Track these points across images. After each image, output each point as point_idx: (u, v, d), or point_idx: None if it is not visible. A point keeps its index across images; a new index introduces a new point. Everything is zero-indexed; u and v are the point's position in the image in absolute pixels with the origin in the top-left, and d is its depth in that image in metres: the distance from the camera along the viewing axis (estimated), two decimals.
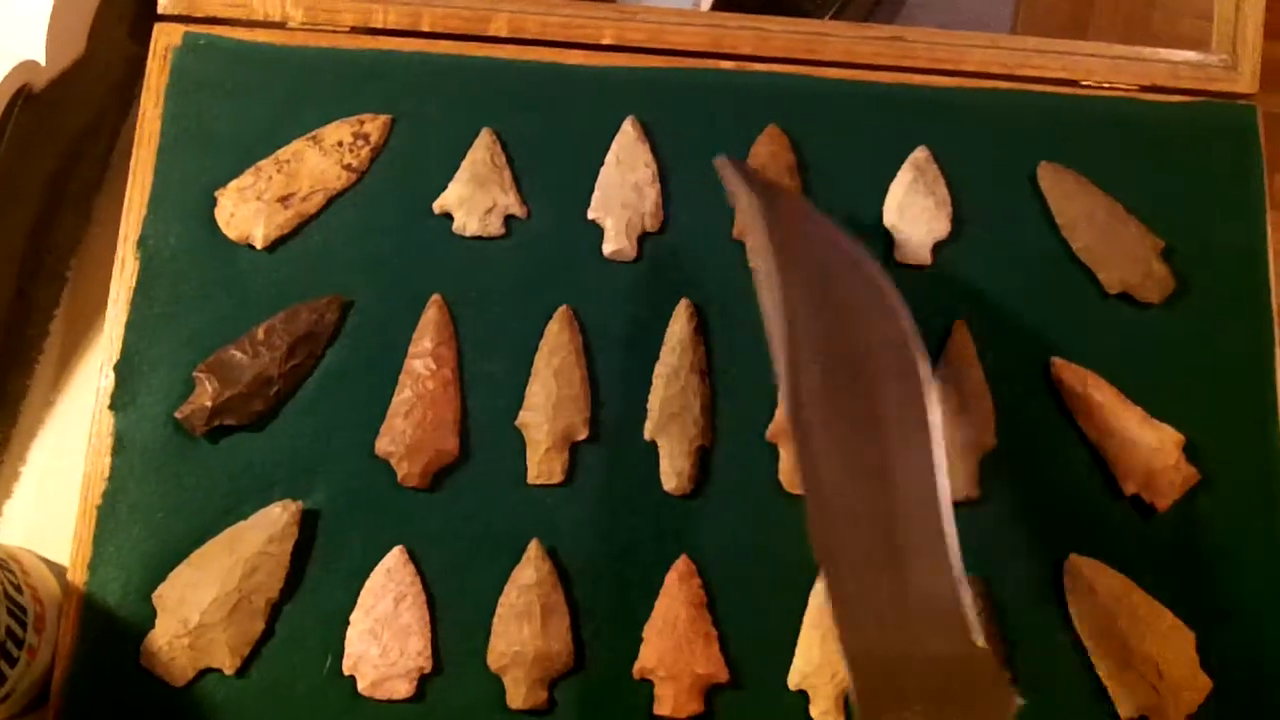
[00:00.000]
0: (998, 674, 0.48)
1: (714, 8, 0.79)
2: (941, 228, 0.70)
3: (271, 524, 0.64)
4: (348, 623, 0.64)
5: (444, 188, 0.69)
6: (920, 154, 0.71)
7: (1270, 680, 0.66)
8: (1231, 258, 0.71)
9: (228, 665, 0.63)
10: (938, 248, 0.70)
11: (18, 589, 0.60)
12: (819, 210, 0.59)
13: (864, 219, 0.71)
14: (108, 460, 0.65)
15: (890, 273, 0.66)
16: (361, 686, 0.63)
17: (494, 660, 0.63)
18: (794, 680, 0.64)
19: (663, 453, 0.66)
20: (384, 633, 0.63)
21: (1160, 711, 0.64)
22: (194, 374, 0.65)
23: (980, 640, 0.47)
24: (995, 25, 1.06)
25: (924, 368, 0.52)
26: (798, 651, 0.64)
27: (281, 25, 0.72)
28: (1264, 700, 0.66)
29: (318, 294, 0.67)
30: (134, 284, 0.67)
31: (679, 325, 0.68)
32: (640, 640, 0.64)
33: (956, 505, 0.62)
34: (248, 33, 0.72)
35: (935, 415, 0.51)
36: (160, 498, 0.65)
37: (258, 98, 0.71)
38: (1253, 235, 0.71)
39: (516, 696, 0.63)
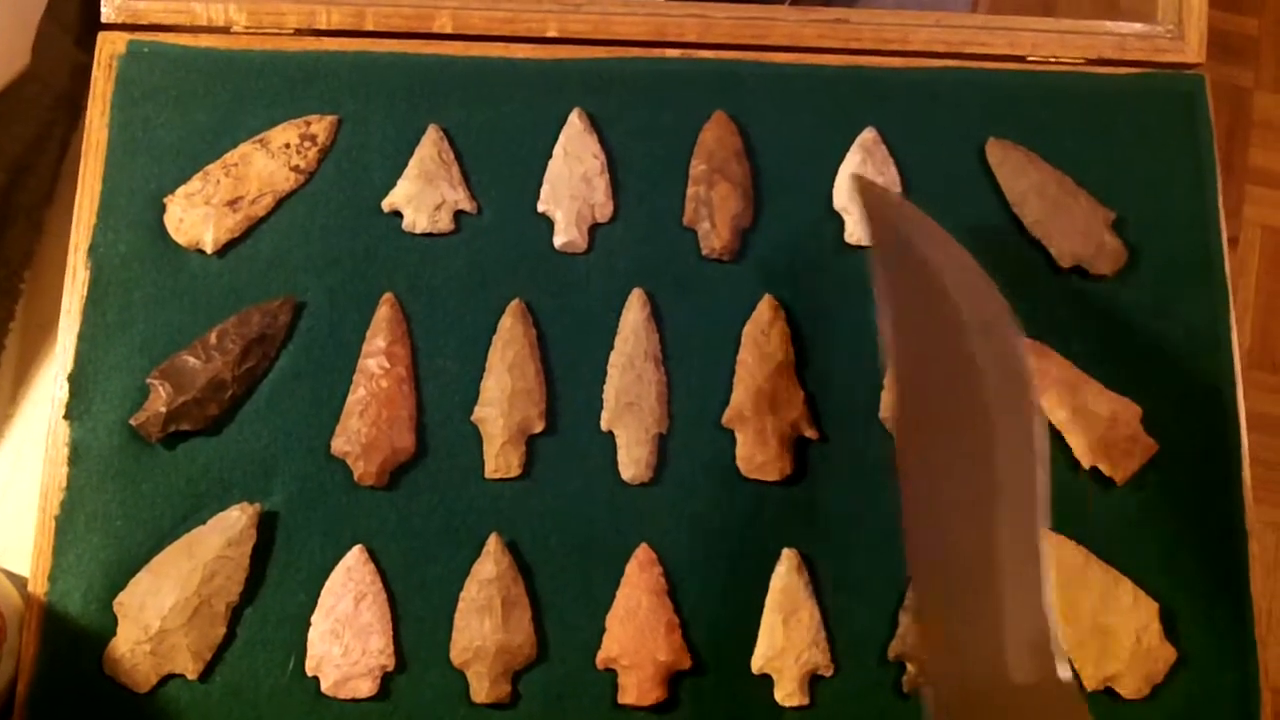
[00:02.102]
0: (1079, 707, 0.47)
1: None
2: None
3: (229, 527, 0.64)
4: (309, 623, 0.64)
5: (393, 186, 0.69)
6: (868, 135, 0.71)
7: (1234, 649, 0.66)
8: (1183, 227, 0.71)
9: (190, 670, 0.63)
10: None
11: None
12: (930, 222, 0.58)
13: (813, 202, 0.71)
14: (65, 470, 0.65)
15: (841, 254, 0.67)
16: (325, 686, 0.63)
17: (456, 655, 0.63)
18: (757, 664, 0.64)
19: (620, 442, 0.66)
20: (345, 632, 0.63)
21: (1125, 681, 0.64)
22: (148, 380, 0.65)
23: (1066, 673, 0.46)
24: (957, 7, 1.07)
25: (1035, 393, 0.51)
26: (760, 635, 0.64)
27: (225, 30, 0.72)
28: (1227, 669, 0.66)
29: (269, 296, 0.68)
30: (85, 293, 0.67)
31: (632, 314, 0.68)
32: (603, 630, 0.64)
33: None
34: (192, 38, 0.72)
35: (1042, 444, 0.50)
36: (118, 505, 0.65)
37: (204, 103, 0.71)
38: (1204, 204, 0.72)
39: (480, 690, 0.63)
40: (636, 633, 0.63)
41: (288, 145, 0.69)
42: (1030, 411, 0.50)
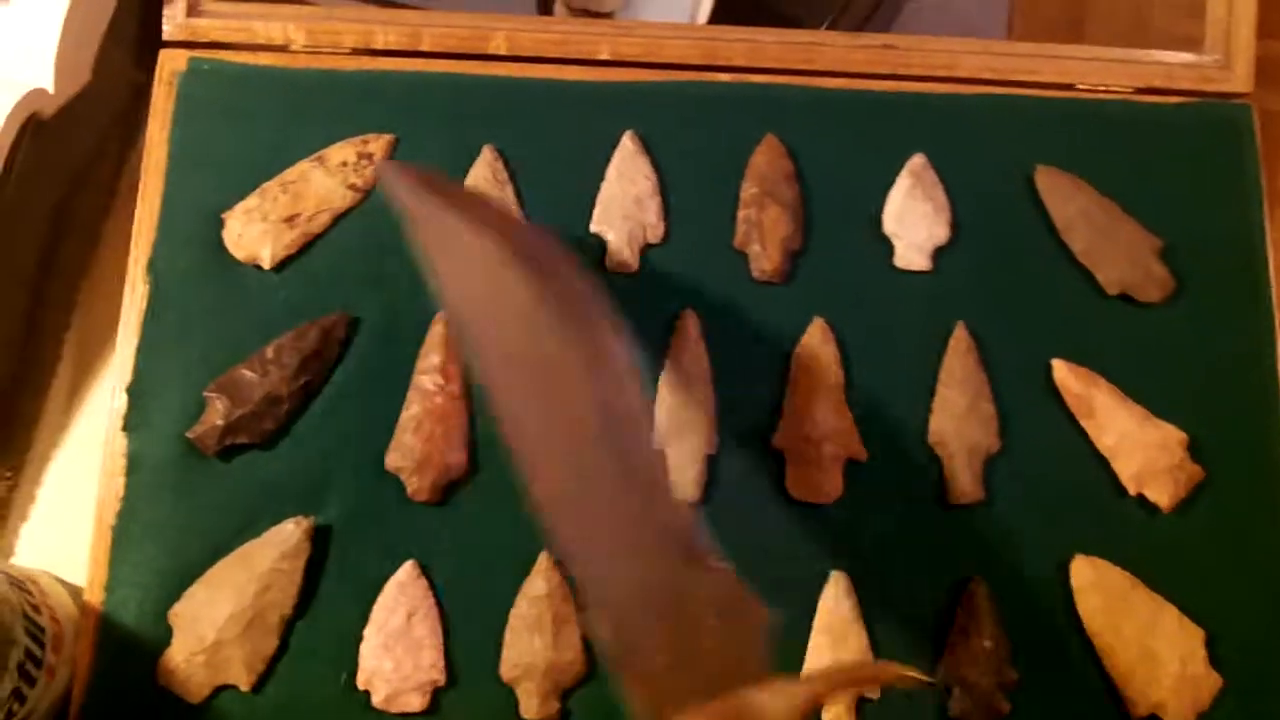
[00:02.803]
0: (741, 590, 0.49)
1: (711, 20, 0.80)
2: (941, 233, 0.71)
3: (284, 541, 0.64)
4: (361, 637, 0.64)
5: None
6: (917, 160, 0.72)
7: (1279, 677, 0.66)
8: (1230, 256, 0.72)
9: (243, 682, 0.63)
10: (937, 253, 0.71)
11: (36, 609, 0.60)
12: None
13: (863, 226, 0.71)
14: (121, 481, 0.66)
15: (890, 278, 0.67)
16: (376, 701, 0.63)
17: (506, 672, 0.64)
18: None
19: (670, 461, 0.67)
20: (397, 647, 0.64)
21: (1171, 709, 0.64)
22: (205, 394, 0.66)
23: (718, 562, 0.49)
24: (989, 30, 1.07)
25: (601, 307, 0.54)
26: (808, 657, 0.65)
27: (284, 48, 0.73)
28: (1273, 697, 0.66)
29: (325, 312, 0.68)
30: (144, 306, 0.68)
31: (683, 334, 0.69)
32: None
33: (963, 506, 0.64)
34: (251, 56, 0.73)
35: (620, 348, 0.52)
36: (174, 517, 0.66)
37: (262, 120, 0.72)
38: (1251, 233, 0.72)
39: (530, 707, 0.63)
40: None
41: (345, 163, 0.70)
42: (604, 328, 0.53)
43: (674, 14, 0.85)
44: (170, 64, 0.72)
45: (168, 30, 0.72)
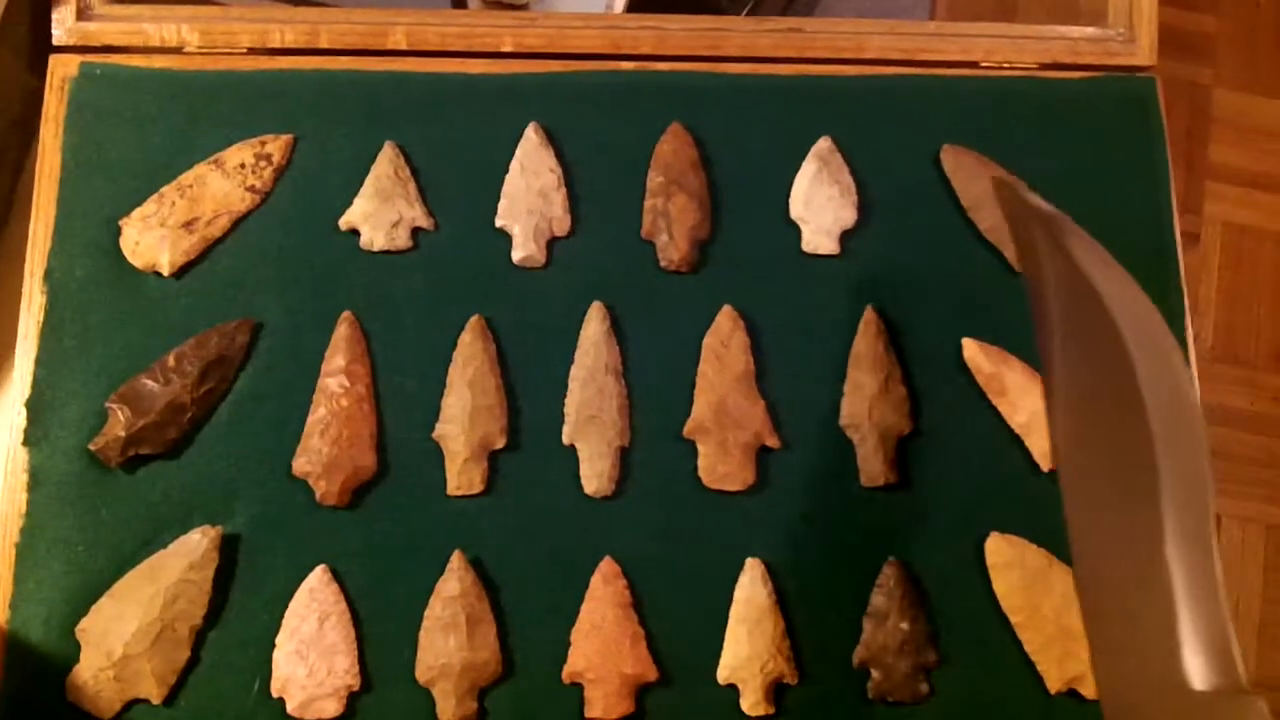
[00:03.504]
0: (1261, 713, 0.45)
1: (628, 9, 0.79)
2: (848, 216, 0.71)
3: (191, 551, 0.64)
4: (274, 645, 0.63)
5: (349, 204, 0.69)
6: (823, 144, 0.72)
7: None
8: (1138, 228, 0.72)
9: (155, 695, 0.62)
10: (845, 236, 0.71)
11: None
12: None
13: (771, 212, 0.71)
14: (24, 496, 0.65)
15: (799, 263, 0.67)
16: (291, 708, 0.63)
17: (422, 673, 0.63)
18: (723, 674, 0.64)
19: (582, 456, 0.66)
20: (310, 653, 0.63)
21: (1088, 682, 0.65)
22: (106, 405, 0.65)
23: (1244, 678, 0.45)
24: (915, 14, 1.07)
25: (1202, 424, 0.50)
26: (725, 646, 0.65)
27: (178, 50, 0.72)
28: None
29: (227, 318, 0.67)
30: (42, 318, 0.67)
31: (592, 327, 0.68)
32: (568, 645, 0.64)
33: (877, 489, 0.64)
34: (145, 60, 0.72)
35: (1208, 471, 0.49)
36: (79, 531, 0.65)
37: (158, 124, 0.71)
38: (1158, 205, 0.72)
39: (447, 709, 0.63)
40: (602, 646, 0.64)
41: (243, 165, 0.69)
42: (1197, 441, 0.49)
43: (590, 5, 0.85)
44: (61, 69, 0.71)
45: (58, 35, 0.71)
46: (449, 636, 0.63)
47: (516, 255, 0.69)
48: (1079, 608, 0.48)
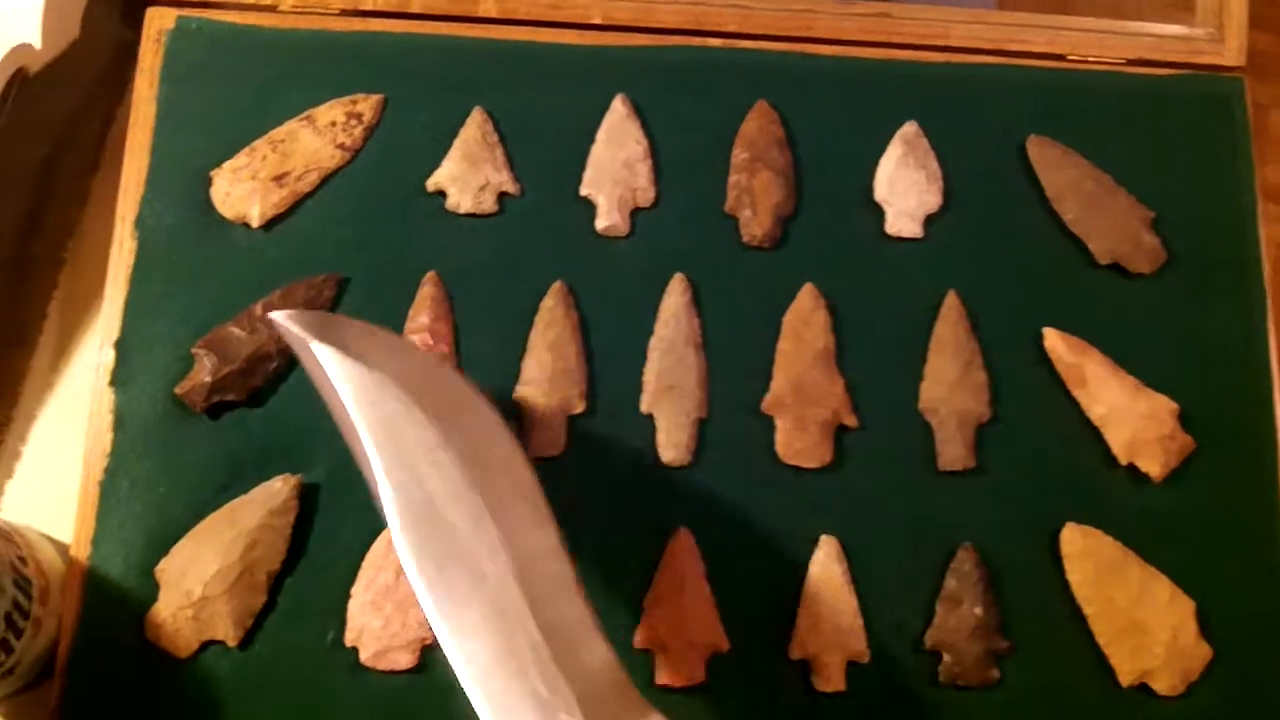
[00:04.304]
0: None
1: None
2: (933, 201, 0.71)
3: (272, 498, 0.64)
4: (349, 595, 0.64)
5: (436, 166, 0.70)
6: (909, 128, 0.72)
7: (1269, 648, 0.66)
8: (1220, 227, 0.72)
9: (231, 637, 0.63)
10: (929, 220, 0.71)
11: (23, 561, 0.60)
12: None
13: (854, 193, 0.71)
14: (109, 437, 0.65)
15: (881, 245, 0.67)
16: (364, 657, 0.63)
17: None
18: (795, 650, 0.64)
19: (659, 425, 0.67)
20: (385, 604, 0.63)
21: (1160, 678, 0.65)
22: (192, 351, 0.66)
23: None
24: (979, 1, 1.07)
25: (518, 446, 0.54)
26: (798, 621, 0.65)
27: (273, 8, 0.73)
28: (1264, 668, 0.66)
29: (313, 272, 0.68)
30: (131, 263, 0.68)
31: (673, 298, 0.68)
32: (641, 611, 0.64)
33: (953, 474, 0.64)
34: (239, 15, 0.72)
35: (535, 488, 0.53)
36: (161, 473, 0.65)
37: (249, 79, 0.71)
38: (1241, 205, 0.72)
39: None
40: (674, 614, 0.64)
41: (334, 123, 0.70)
42: (522, 462, 0.53)
43: None
44: (158, 21, 0.72)
45: None
46: None
47: (600, 224, 0.70)
48: None
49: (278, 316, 0.55)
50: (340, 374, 0.52)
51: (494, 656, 0.48)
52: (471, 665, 0.48)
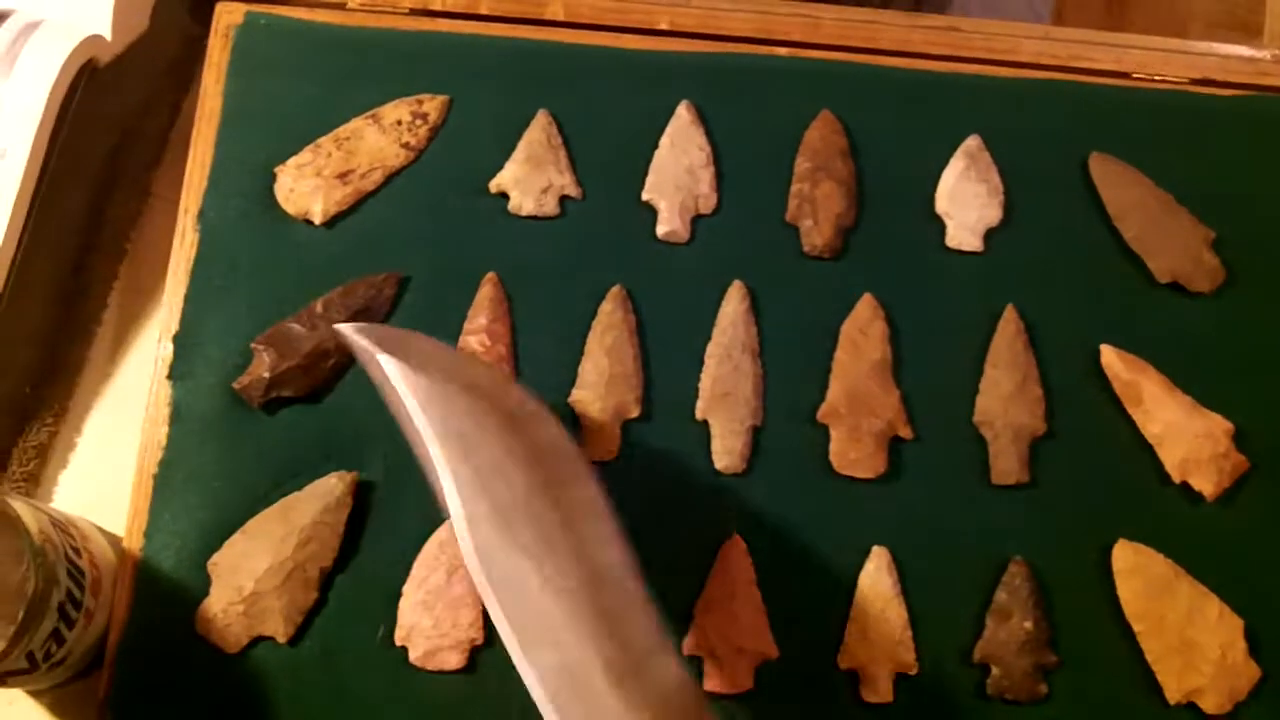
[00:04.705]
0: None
1: None
2: (993, 214, 0.71)
3: (326, 494, 0.64)
4: (400, 594, 0.64)
5: (500, 167, 0.70)
6: (972, 142, 0.72)
7: None
8: None
9: (281, 633, 0.63)
10: (989, 234, 0.71)
11: (77, 552, 0.60)
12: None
13: (916, 205, 0.71)
14: (165, 430, 0.66)
15: (941, 257, 0.67)
16: (413, 657, 0.63)
17: None
18: (844, 660, 0.64)
19: (714, 431, 0.67)
20: (436, 604, 0.63)
21: (1208, 697, 0.64)
22: (252, 345, 0.66)
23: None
24: (1035, 12, 1.07)
25: (585, 460, 0.54)
26: (848, 631, 0.65)
27: (341, 6, 0.73)
28: None
29: (375, 270, 0.68)
30: (193, 256, 0.68)
31: (731, 306, 0.68)
32: (691, 617, 0.64)
33: (1007, 488, 0.63)
34: (308, 13, 0.73)
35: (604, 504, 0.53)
36: (216, 467, 0.65)
37: (317, 76, 0.72)
38: None
39: None
40: (725, 621, 0.64)
41: (399, 122, 0.70)
42: (589, 477, 0.53)
43: None
44: (227, 17, 0.72)
45: None
46: None
47: (661, 229, 0.70)
48: None
49: (344, 328, 0.55)
50: (408, 388, 0.52)
51: (566, 674, 0.48)
52: (544, 683, 0.48)
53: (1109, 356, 0.68)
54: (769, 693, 0.64)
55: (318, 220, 0.68)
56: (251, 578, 0.63)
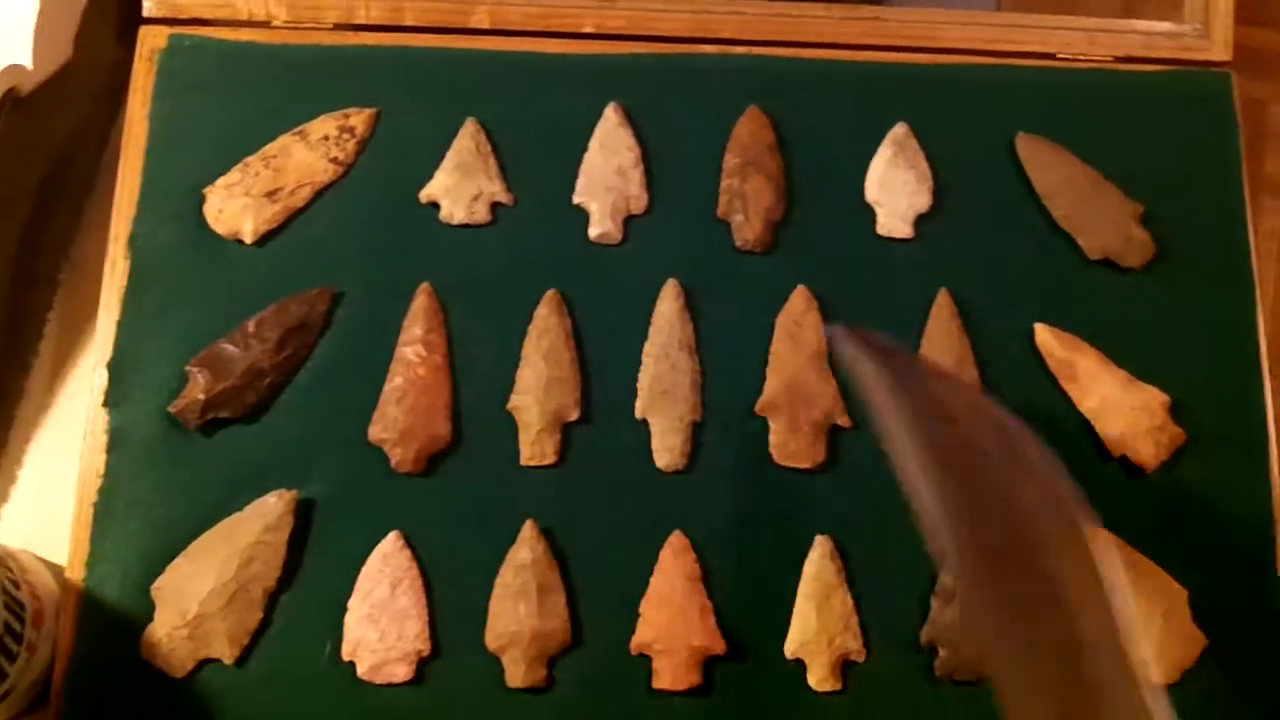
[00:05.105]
0: None
1: None
2: (923, 201, 0.71)
3: (267, 514, 0.64)
4: (345, 609, 0.64)
5: (430, 178, 0.70)
6: (900, 129, 0.72)
7: (1262, 635, 0.66)
8: (1211, 220, 0.72)
9: (227, 655, 0.63)
10: (919, 220, 0.71)
11: (15, 585, 0.60)
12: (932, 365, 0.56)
13: (846, 195, 0.71)
14: (103, 457, 0.65)
15: (872, 246, 0.67)
16: (361, 671, 0.63)
17: (492, 640, 0.64)
18: (790, 649, 0.64)
19: (654, 430, 0.67)
20: (382, 617, 0.63)
21: (1155, 667, 0.64)
22: (187, 368, 0.66)
23: None
24: (980, 6, 1.07)
25: (1089, 523, 0.49)
26: (793, 621, 0.65)
27: (266, 24, 0.73)
28: (1258, 655, 0.66)
29: (308, 286, 0.68)
30: (125, 283, 0.68)
31: (666, 304, 0.68)
32: (637, 616, 0.64)
33: None
34: (232, 33, 0.73)
35: (1116, 574, 0.47)
36: (156, 492, 0.65)
37: (244, 96, 0.72)
38: (1231, 198, 0.72)
39: (515, 675, 0.63)
40: (671, 618, 0.64)
41: (326, 137, 0.70)
42: (1085, 545, 0.48)
43: None
44: (151, 40, 0.72)
45: (148, 6, 0.72)
46: (519, 604, 0.64)
47: (593, 232, 0.70)
48: None
49: (842, 334, 0.54)
50: (918, 418, 0.50)
51: None
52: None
53: (1043, 335, 0.69)
54: (718, 687, 0.64)
55: (248, 239, 0.68)
56: (195, 600, 0.63)
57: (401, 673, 0.63)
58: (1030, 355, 0.69)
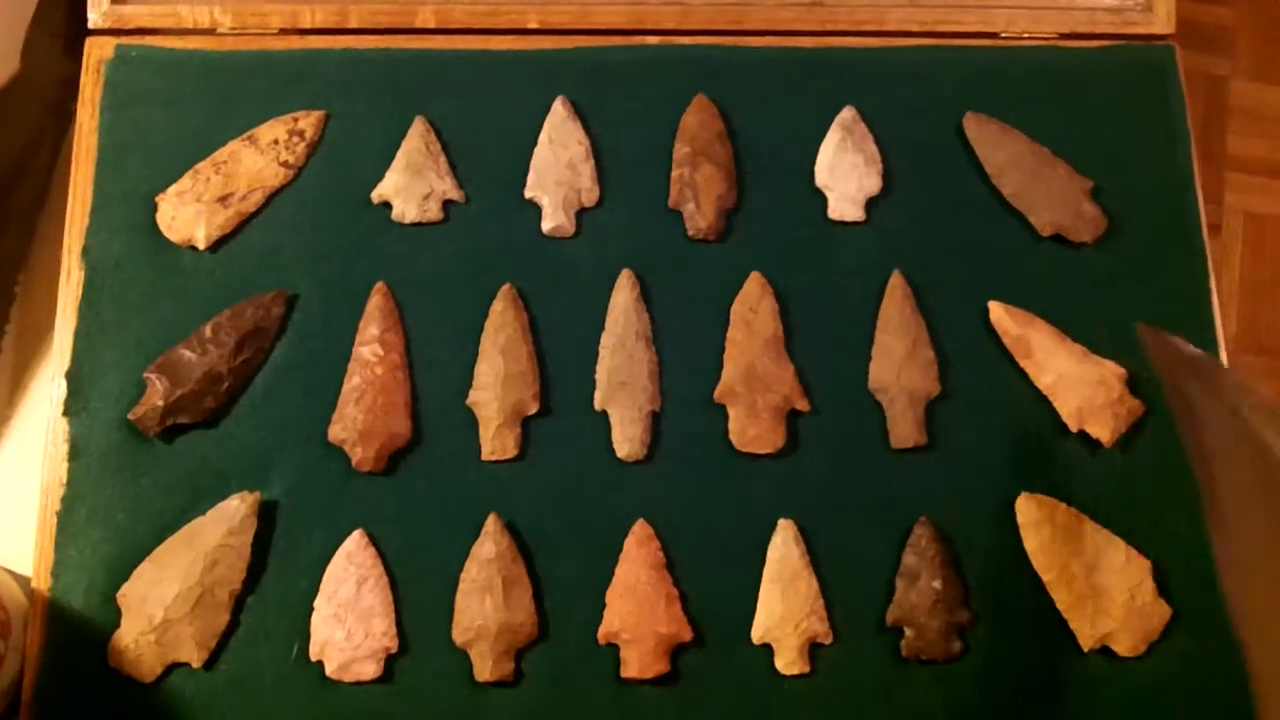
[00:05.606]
0: None
1: None
2: (873, 184, 0.71)
3: (230, 517, 0.64)
4: (312, 609, 0.64)
5: (381, 178, 0.70)
6: (847, 113, 0.73)
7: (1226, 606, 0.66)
8: (1160, 192, 0.73)
9: (195, 659, 0.63)
10: (870, 203, 0.71)
11: None
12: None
13: (796, 180, 0.72)
14: (65, 466, 0.66)
15: (824, 230, 0.68)
16: (329, 671, 0.63)
17: (459, 635, 0.64)
18: (757, 634, 0.65)
19: (614, 421, 0.67)
20: (348, 616, 0.64)
21: (1120, 639, 0.65)
22: (145, 375, 0.66)
23: None
24: None
25: None
26: (759, 606, 0.65)
27: (211, 31, 0.73)
28: (1223, 625, 0.66)
29: (263, 290, 0.68)
30: (80, 293, 0.68)
31: (622, 295, 0.69)
32: (603, 606, 0.65)
33: (906, 451, 0.64)
34: (178, 41, 0.73)
35: None
36: (118, 500, 0.65)
37: (192, 104, 0.72)
38: (1179, 170, 0.73)
39: (483, 669, 0.63)
40: (637, 607, 0.64)
41: (276, 141, 0.70)
42: None
43: None
44: (97, 52, 0.72)
45: (93, 18, 0.72)
46: (485, 599, 0.64)
47: (546, 225, 0.70)
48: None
49: (1158, 337, 0.53)
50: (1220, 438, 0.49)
51: None
52: None
53: (997, 312, 0.69)
54: (687, 674, 0.65)
55: (202, 245, 0.68)
56: (161, 606, 0.63)
57: (370, 670, 0.63)
58: (985, 334, 0.69)
